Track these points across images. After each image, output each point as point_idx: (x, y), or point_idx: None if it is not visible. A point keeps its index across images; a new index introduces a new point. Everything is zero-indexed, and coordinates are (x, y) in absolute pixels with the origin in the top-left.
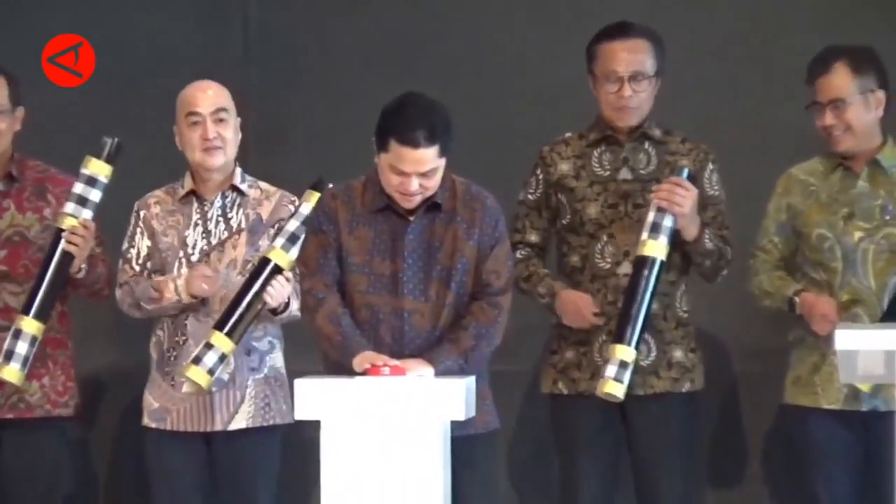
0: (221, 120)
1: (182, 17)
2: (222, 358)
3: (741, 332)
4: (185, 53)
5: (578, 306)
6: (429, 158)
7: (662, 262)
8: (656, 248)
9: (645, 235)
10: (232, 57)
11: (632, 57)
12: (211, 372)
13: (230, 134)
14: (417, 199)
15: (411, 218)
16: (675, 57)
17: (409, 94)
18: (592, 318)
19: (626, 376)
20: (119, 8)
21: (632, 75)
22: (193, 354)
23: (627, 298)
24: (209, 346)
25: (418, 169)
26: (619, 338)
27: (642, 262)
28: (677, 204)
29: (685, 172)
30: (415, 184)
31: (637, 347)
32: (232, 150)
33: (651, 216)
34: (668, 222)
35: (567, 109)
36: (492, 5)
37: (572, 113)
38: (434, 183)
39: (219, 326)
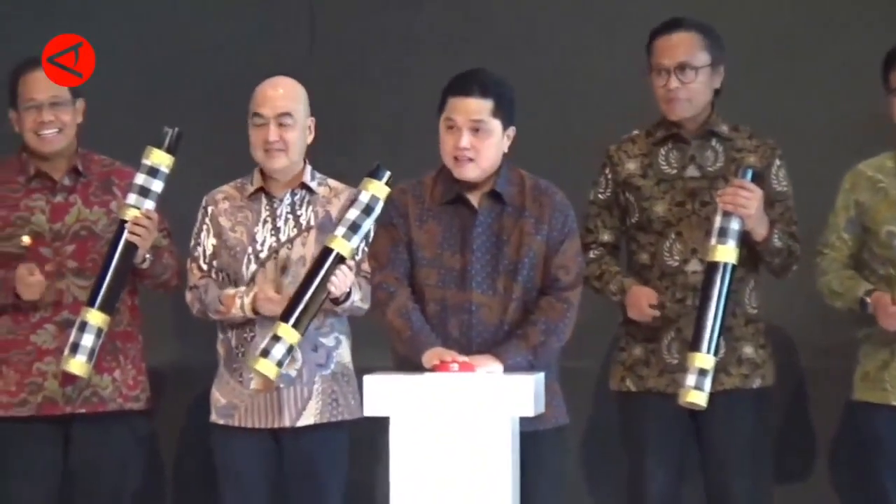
0: (284, 124)
1: (248, 14)
2: (290, 350)
3: (809, 327)
4: (251, 50)
5: (638, 299)
6: (480, 108)
7: (734, 267)
8: (726, 253)
9: (713, 241)
10: (297, 54)
11: (677, 49)
12: (279, 364)
13: (294, 137)
14: (470, 168)
15: (479, 211)
16: (740, 51)
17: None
18: (648, 310)
19: (707, 384)
20: (185, 3)
21: (678, 66)
22: (261, 347)
23: (701, 305)
24: (277, 339)
25: (469, 117)
26: (696, 345)
27: (713, 268)
28: (742, 206)
29: (749, 174)
30: (465, 139)
31: (715, 353)
32: (295, 152)
33: (718, 220)
34: (735, 225)
35: (632, 106)
36: (554, 6)
37: (637, 109)
38: (486, 149)
39: (284, 318)
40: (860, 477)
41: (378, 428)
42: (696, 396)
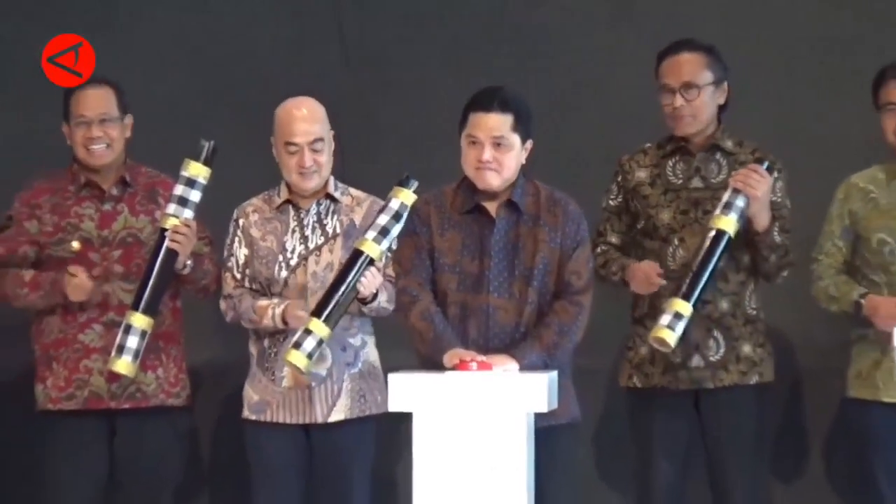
0: (317, 150)
1: (283, 30)
2: (320, 343)
3: (806, 328)
4: (285, 64)
5: (645, 272)
6: (500, 124)
7: (730, 238)
8: (727, 223)
9: (718, 211)
10: (329, 68)
11: (682, 69)
12: (310, 356)
13: (325, 158)
14: (493, 178)
15: (496, 220)
16: (746, 72)
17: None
18: (657, 279)
19: (679, 327)
20: (220, 20)
21: (682, 86)
22: (293, 340)
23: (694, 262)
24: (308, 332)
25: (491, 133)
26: (680, 292)
27: (711, 235)
28: (752, 186)
29: (765, 164)
30: (487, 153)
31: (694, 305)
32: (327, 171)
33: (726, 195)
34: (740, 202)
35: (643, 122)
36: (574, 21)
37: (648, 125)
38: (508, 161)
39: (316, 314)
40: (854, 470)
41: (402, 422)
42: (667, 334)
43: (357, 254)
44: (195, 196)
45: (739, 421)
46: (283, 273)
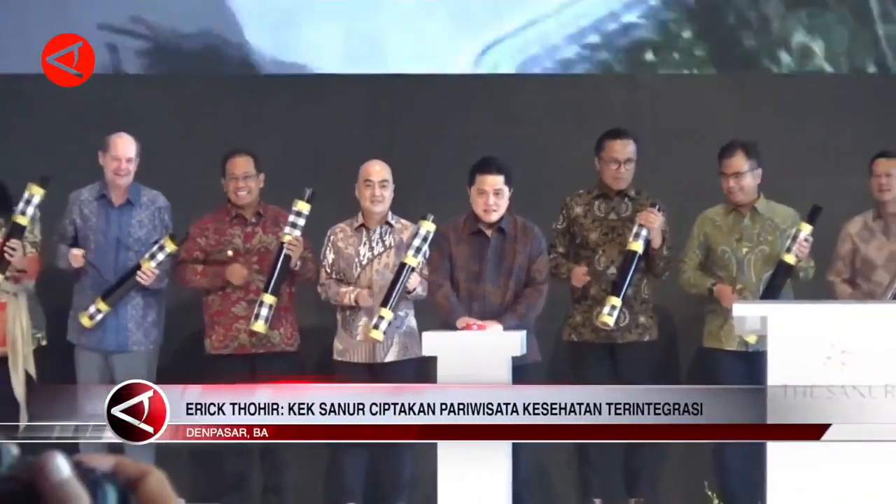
0: (384, 186)
1: (351, 124)
2: (389, 323)
3: (677, 305)
4: (353, 145)
5: (577, 273)
6: (498, 182)
7: (639, 256)
8: (637, 246)
9: (631, 239)
10: (382, 145)
11: (625, 150)
12: (384, 333)
13: (388, 194)
14: (494, 215)
15: (490, 239)
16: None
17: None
18: (584, 277)
19: (615, 313)
20: (315, 119)
21: (625, 160)
22: (373, 322)
23: (619, 272)
24: (381, 318)
25: (494, 187)
26: (611, 291)
27: (628, 254)
28: (650, 221)
29: (657, 206)
30: (492, 199)
31: (622, 299)
32: (388, 204)
33: (635, 228)
34: (643, 232)
35: (579, 178)
36: (533, 122)
37: (580, 179)
38: (503, 203)
39: (384, 304)
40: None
41: (431, 363)
42: (607, 318)
43: (403, 265)
44: (301, 222)
45: (637, 364)
46: (357, 270)
